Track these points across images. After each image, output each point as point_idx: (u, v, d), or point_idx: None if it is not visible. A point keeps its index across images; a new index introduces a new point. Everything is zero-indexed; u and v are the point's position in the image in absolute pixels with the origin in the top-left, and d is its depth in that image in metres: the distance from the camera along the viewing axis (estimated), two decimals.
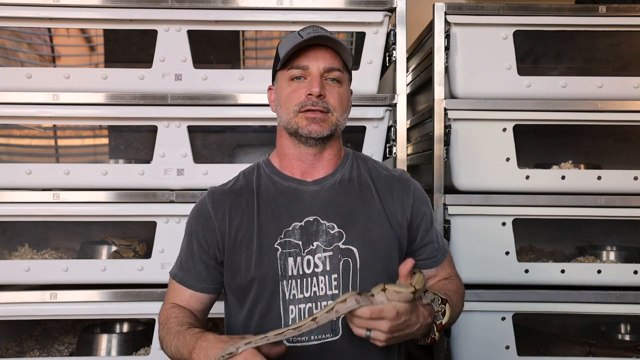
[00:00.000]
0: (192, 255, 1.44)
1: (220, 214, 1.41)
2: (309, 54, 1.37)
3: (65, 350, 2.11)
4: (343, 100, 1.40)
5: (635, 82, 2.04)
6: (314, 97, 1.35)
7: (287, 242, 1.38)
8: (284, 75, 1.40)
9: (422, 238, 1.47)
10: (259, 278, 1.36)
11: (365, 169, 1.48)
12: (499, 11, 2.00)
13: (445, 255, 1.52)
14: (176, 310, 1.40)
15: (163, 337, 1.36)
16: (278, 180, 1.44)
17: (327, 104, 1.36)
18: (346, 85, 1.43)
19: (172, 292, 1.46)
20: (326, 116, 1.37)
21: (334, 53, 1.39)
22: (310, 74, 1.37)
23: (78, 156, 2.43)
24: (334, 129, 1.38)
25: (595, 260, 2.11)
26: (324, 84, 1.37)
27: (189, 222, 1.47)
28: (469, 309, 1.97)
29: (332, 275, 1.36)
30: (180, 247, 1.49)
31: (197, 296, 1.44)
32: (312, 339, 1.35)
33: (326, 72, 1.37)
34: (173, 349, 1.31)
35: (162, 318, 1.41)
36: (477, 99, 2.03)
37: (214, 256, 1.42)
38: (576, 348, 2.11)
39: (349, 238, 1.38)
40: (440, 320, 1.33)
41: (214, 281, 1.44)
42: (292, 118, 1.37)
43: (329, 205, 1.40)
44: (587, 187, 2.03)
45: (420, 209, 1.47)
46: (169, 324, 1.36)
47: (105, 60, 2.31)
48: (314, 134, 1.36)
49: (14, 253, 2.08)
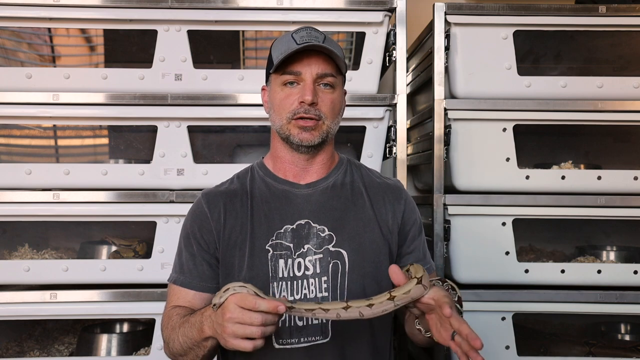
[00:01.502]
0: (192, 256, 1.43)
1: (215, 215, 1.42)
2: (303, 59, 1.36)
3: (65, 350, 2.11)
4: (335, 106, 1.40)
5: (635, 82, 2.04)
6: (306, 105, 1.35)
7: (279, 244, 1.39)
8: (277, 79, 1.40)
9: (408, 245, 1.47)
10: (250, 279, 1.36)
11: (358, 175, 1.50)
12: (499, 11, 2.00)
13: (432, 270, 1.50)
14: (177, 309, 1.40)
15: (168, 335, 1.34)
16: (271, 182, 1.45)
17: (319, 111, 1.37)
18: (339, 90, 1.42)
19: (173, 297, 1.44)
20: (317, 124, 1.37)
21: (328, 57, 1.38)
22: (303, 80, 1.37)
23: (78, 156, 2.43)
24: (325, 136, 1.40)
25: (595, 260, 2.11)
26: (316, 90, 1.37)
27: (185, 225, 1.46)
28: (469, 309, 1.97)
29: (322, 278, 1.37)
30: (176, 253, 1.47)
31: (200, 297, 1.42)
32: (301, 340, 1.35)
33: (319, 78, 1.37)
34: (181, 339, 1.29)
35: (164, 321, 1.39)
36: (477, 99, 2.03)
37: (214, 255, 1.42)
38: (576, 348, 2.12)
39: (339, 241, 1.39)
40: (457, 294, 1.31)
41: (217, 280, 1.44)
42: (285, 125, 1.38)
43: (321, 208, 1.42)
44: (587, 187, 2.03)
45: (410, 217, 1.48)
46: (172, 322, 1.35)
47: (105, 60, 2.31)
48: (305, 142, 1.38)
49: (14, 253, 2.08)
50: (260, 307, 1.12)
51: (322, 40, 1.36)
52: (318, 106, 1.37)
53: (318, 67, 1.36)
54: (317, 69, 1.36)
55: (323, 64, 1.37)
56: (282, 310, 1.12)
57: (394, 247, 1.44)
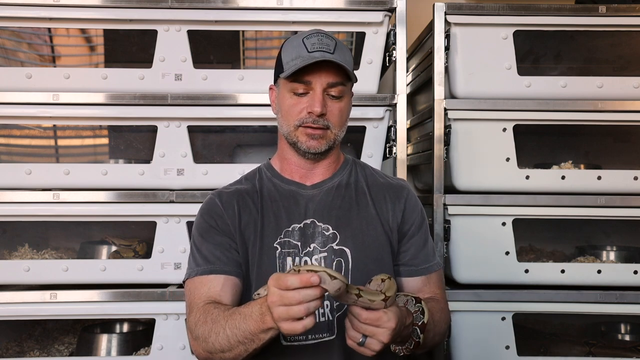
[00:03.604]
0: (217, 246, 1.39)
1: (230, 212, 1.42)
2: (314, 68, 1.35)
3: (65, 350, 2.11)
4: (343, 115, 1.41)
5: (635, 82, 2.04)
6: (314, 115, 1.36)
7: (287, 242, 1.40)
8: (286, 85, 1.39)
9: (404, 244, 1.47)
10: (258, 276, 1.37)
11: (362, 175, 1.51)
12: (499, 11, 2.00)
13: (434, 270, 1.48)
14: (214, 304, 1.31)
15: (208, 330, 1.24)
16: (279, 183, 1.47)
17: (327, 121, 1.38)
18: (347, 97, 1.43)
19: (200, 290, 1.35)
20: (325, 133, 1.39)
21: (338, 66, 1.36)
22: (312, 89, 1.36)
23: (78, 156, 2.43)
24: (332, 144, 1.41)
25: (595, 260, 2.11)
26: (325, 100, 1.37)
27: (200, 222, 1.43)
28: (469, 309, 1.97)
29: None
30: (193, 251, 1.42)
31: (232, 282, 1.36)
32: (308, 338, 1.35)
33: (329, 87, 1.37)
34: (229, 332, 1.20)
35: (198, 316, 1.29)
36: (477, 99, 2.03)
37: (237, 244, 1.41)
38: (576, 348, 2.12)
39: (342, 239, 1.40)
40: (421, 320, 1.26)
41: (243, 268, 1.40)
42: (293, 131, 1.39)
43: (325, 208, 1.43)
44: (587, 187, 2.03)
45: (411, 216, 1.47)
46: (212, 316, 1.26)
47: (105, 60, 2.31)
48: (313, 149, 1.39)
49: (14, 253, 2.08)
50: (293, 284, 1.06)
51: (333, 47, 1.36)
52: (326, 116, 1.37)
53: (328, 77, 1.36)
54: (328, 78, 1.36)
55: (333, 74, 1.36)
56: (315, 281, 1.06)
57: (395, 244, 1.45)
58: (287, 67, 1.37)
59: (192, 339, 1.31)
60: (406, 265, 1.46)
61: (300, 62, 1.34)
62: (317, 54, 1.34)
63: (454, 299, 1.96)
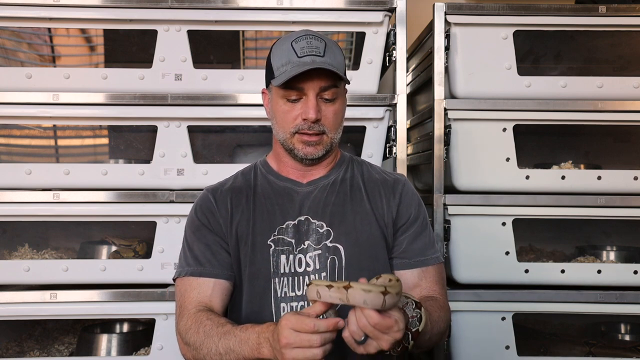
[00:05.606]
0: (207, 246, 1.40)
1: (223, 210, 1.42)
2: (305, 74, 1.32)
3: (65, 350, 2.11)
4: (338, 117, 1.40)
5: (635, 82, 2.04)
6: (309, 122, 1.35)
7: (281, 239, 1.40)
8: (278, 91, 1.37)
9: (397, 238, 1.44)
10: (252, 274, 1.37)
11: (359, 171, 1.50)
12: (499, 11, 2.00)
13: (430, 263, 1.44)
14: (207, 313, 1.32)
15: (200, 341, 1.27)
16: (274, 180, 1.46)
17: (322, 126, 1.37)
18: (341, 98, 1.41)
19: (190, 293, 1.37)
20: (321, 138, 1.38)
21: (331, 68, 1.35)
22: (305, 95, 1.35)
23: (78, 156, 2.43)
24: (329, 148, 1.41)
25: (595, 260, 2.11)
26: (319, 104, 1.35)
27: (193, 219, 1.44)
28: (469, 309, 1.97)
29: (321, 274, 1.38)
30: (184, 249, 1.44)
31: (221, 286, 1.37)
32: None
33: (322, 91, 1.36)
34: (222, 350, 1.23)
35: (189, 324, 1.31)
36: (477, 99, 2.03)
37: (227, 247, 1.41)
38: (576, 348, 2.11)
39: (336, 236, 1.40)
40: (416, 327, 1.22)
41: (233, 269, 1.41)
42: (289, 138, 1.39)
43: (319, 204, 1.42)
44: (587, 187, 2.03)
45: (406, 211, 1.45)
46: (204, 327, 1.28)
47: (105, 60, 2.31)
48: (310, 155, 1.39)
49: (14, 253, 2.08)
50: (320, 329, 1.07)
51: (323, 49, 1.35)
52: (321, 121, 1.36)
53: (320, 82, 1.34)
54: (320, 83, 1.34)
55: (325, 78, 1.35)
56: (341, 325, 1.07)
57: (390, 240, 1.44)
58: (277, 72, 1.36)
59: (182, 343, 1.34)
60: (399, 258, 1.43)
61: (290, 69, 1.32)
62: (307, 58, 1.33)
63: (454, 299, 1.95)
